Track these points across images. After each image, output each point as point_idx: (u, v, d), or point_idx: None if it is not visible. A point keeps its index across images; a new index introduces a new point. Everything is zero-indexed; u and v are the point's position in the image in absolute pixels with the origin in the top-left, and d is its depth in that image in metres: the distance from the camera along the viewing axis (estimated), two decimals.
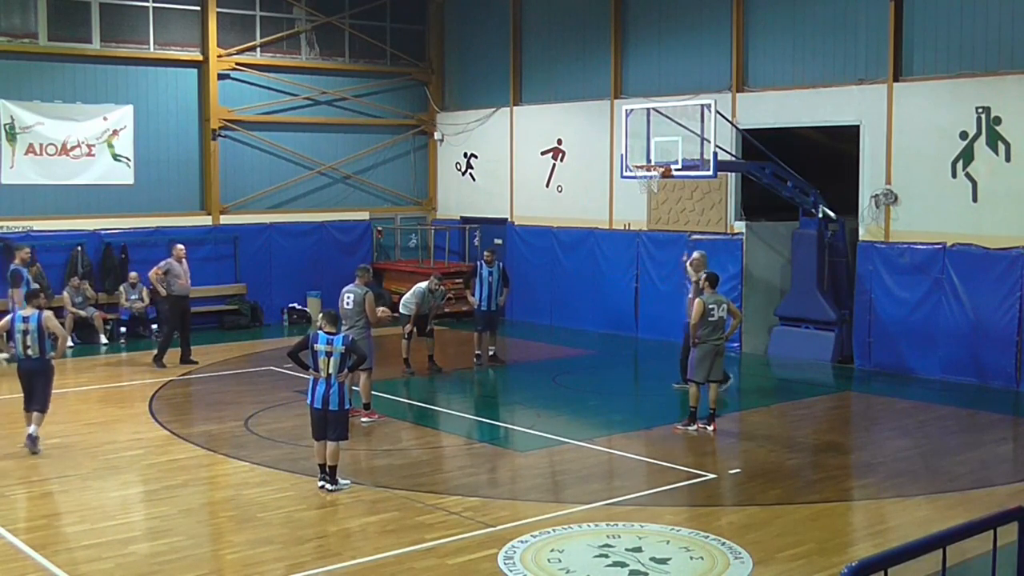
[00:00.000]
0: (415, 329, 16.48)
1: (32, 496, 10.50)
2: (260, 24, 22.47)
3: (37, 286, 14.85)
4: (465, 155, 24.20)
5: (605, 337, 20.50)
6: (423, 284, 16.67)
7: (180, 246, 17.39)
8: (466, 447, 12.74)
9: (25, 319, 11.80)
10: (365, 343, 13.27)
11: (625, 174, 17.15)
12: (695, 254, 14.91)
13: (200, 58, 21.62)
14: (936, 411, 14.35)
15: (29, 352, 11.82)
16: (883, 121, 16.92)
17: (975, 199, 15.88)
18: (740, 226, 18.89)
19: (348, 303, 13.57)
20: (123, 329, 19.91)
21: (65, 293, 19.19)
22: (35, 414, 11.89)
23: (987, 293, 15.66)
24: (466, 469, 11.68)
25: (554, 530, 9.28)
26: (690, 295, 14.75)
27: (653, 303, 20.12)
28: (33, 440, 11.80)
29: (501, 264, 17.78)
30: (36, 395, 11.91)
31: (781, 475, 11.34)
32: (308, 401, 10.65)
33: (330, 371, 10.40)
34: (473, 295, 17.44)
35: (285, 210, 22.87)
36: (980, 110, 15.71)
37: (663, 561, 8.53)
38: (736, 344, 18.07)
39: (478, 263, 17.76)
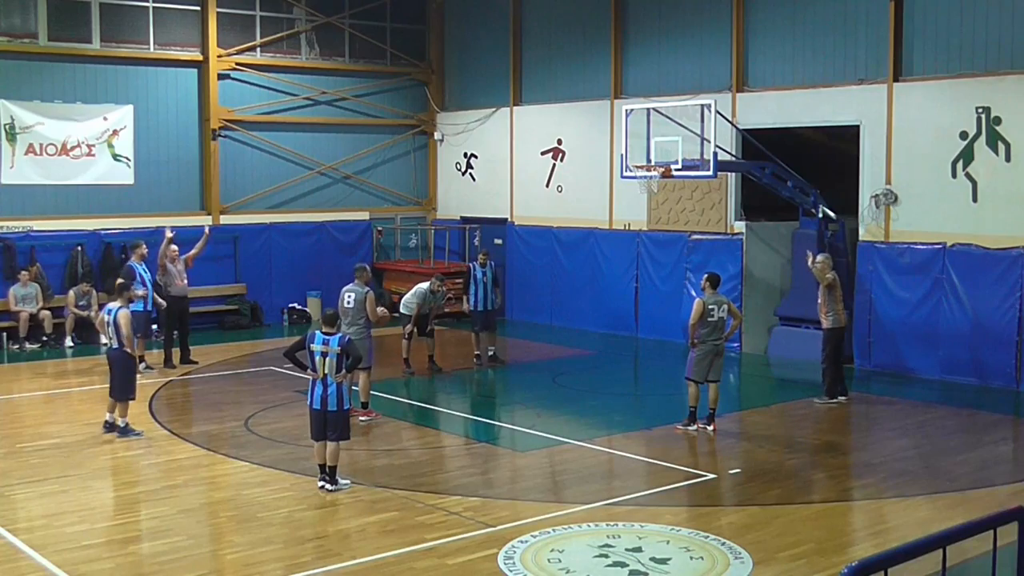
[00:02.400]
0: (415, 329, 16.49)
1: (32, 496, 10.49)
2: (260, 24, 22.47)
3: (122, 280, 14.90)
4: (465, 155, 24.20)
5: (605, 337, 20.49)
6: (424, 284, 16.68)
7: (174, 247, 17.28)
8: (466, 447, 12.74)
9: (109, 311, 12.79)
10: (365, 343, 13.29)
11: (625, 174, 17.14)
12: (819, 257, 14.71)
13: (200, 58, 21.62)
14: (936, 411, 14.35)
15: (112, 343, 12.77)
16: (883, 121, 16.92)
17: (975, 199, 15.88)
18: (740, 226, 18.89)
19: (349, 302, 13.59)
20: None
21: (71, 293, 19.16)
22: (114, 401, 12.79)
23: (987, 293, 15.66)
24: (466, 469, 11.68)
25: (554, 530, 9.28)
26: (819, 300, 14.59)
27: (653, 303, 20.12)
28: (109, 425, 12.74)
29: (492, 264, 17.76)
30: (114, 383, 12.78)
31: (781, 475, 11.34)
32: (308, 402, 10.66)
33: (326, 371, 10.40)
34: (468, 298, 17.38)
35: (285, 210, 22.87)
36: (980, 110, 15.71)
37: (663, 561, 8.53)
38: (736, 344, 18.08)
39: (472, 264, 17.77)
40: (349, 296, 13.66)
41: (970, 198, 15.93)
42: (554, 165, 22.17)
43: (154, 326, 19.89)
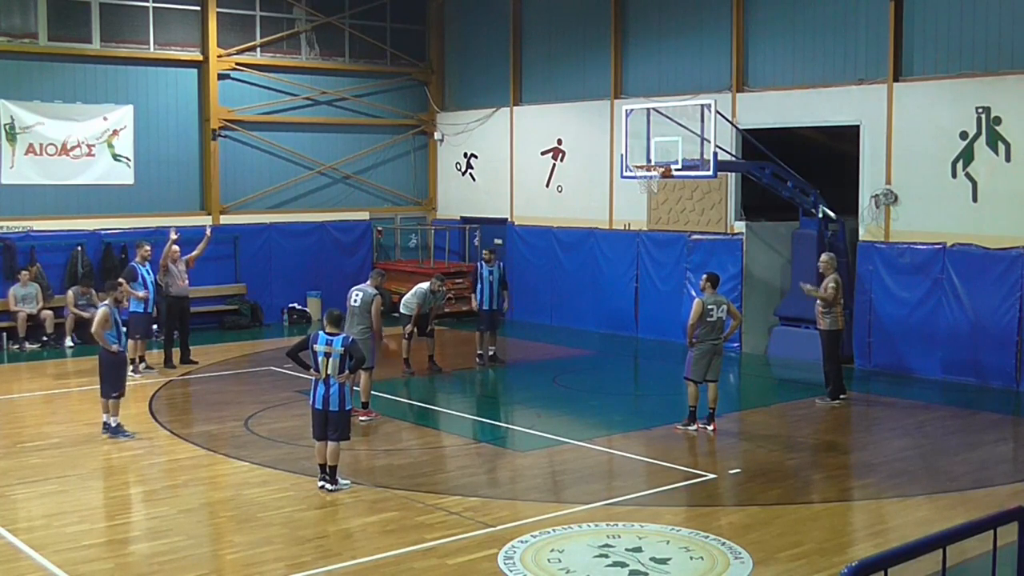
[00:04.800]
0: (415, 329, 16.49)
1: (32, 496, 10.49)
2: (260, 24, 22.47)
3: (118, 281, 14.76)
4: (465, 155, 24.21)
5: (605, 337, 20.50)
6: (424, 285, 16.68)
7: (176, 248, 17.28)
8: (466, 447, 12.74)
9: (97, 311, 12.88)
10: (368, 343, 13.31)
11: (625, 174, 17.14)
12: (824, 256, 14.69)
13: (200, 58, 21.62)
14: (936, 411, 14.35)
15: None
16: (883, 121, 16.92)
17: (975, 199, 15.88)
18: (740, 226, 18.89)
19: (356, 301, 13.64)
20: (124, 329, 19.82)
21: (70, 293, 19.15)
22: (107, 401, 12.75)
23: (987, 293, 15.66)
24: (466, 469, 11.68)
25: (554, 530, 9.28)
26: (818, 305, 14.58)
27: (653, 303, 20.12)
28: (106, 427, 12.64)
29: (501, 264, 17.81)
30: (103, 382, 12.75)
31: (781, 475, 11.34)
32: (310, 401, 10.67)
33: (328, 372, 10.40)
34: (475, 296, 17.42)
35: (285, 210, 22.87)
36: (980, 110, 15.71)
37: (663, 561, 8.53)
38: (736, 344, 18.08)
39: (478, 263, 17.78)
40: (357, 295, 13.71)
41: (970, 198, 15.93)
42: (554, 165, 22.18)
43: (154, 326, 19.98)
